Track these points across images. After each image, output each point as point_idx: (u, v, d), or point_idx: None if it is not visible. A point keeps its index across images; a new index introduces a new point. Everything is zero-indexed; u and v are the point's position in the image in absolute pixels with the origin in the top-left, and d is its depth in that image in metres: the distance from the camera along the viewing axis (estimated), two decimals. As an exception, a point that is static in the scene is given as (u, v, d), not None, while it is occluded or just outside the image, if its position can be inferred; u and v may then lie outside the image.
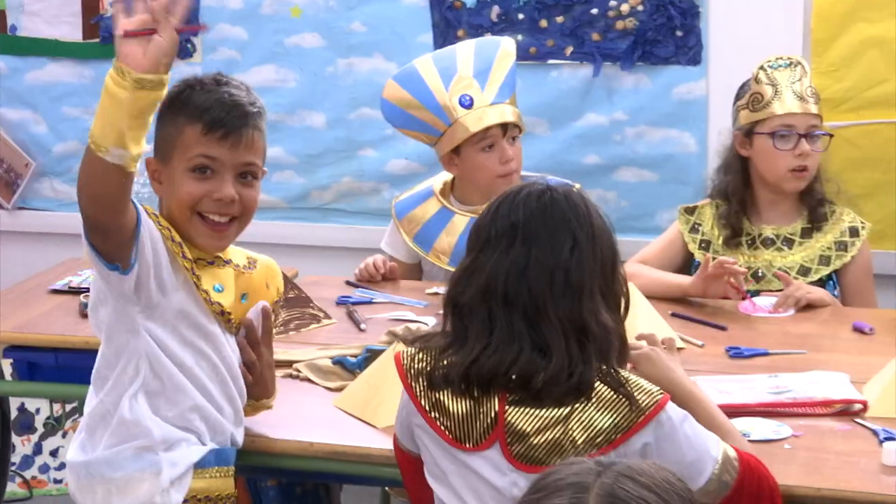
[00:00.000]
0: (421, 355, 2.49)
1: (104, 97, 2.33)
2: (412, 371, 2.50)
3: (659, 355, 2.67)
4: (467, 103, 3.94)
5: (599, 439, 2.30)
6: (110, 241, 2.46)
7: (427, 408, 2.47)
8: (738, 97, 3.93)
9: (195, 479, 2.63)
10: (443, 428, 2.46)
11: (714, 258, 3.71)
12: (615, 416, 2.31)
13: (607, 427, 2.30)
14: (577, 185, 4.01)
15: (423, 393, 2.48)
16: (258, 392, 2.83)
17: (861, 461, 2.69)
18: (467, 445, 2.45)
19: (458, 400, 2.42)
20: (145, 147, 2.40)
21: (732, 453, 2.43)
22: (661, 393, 2.35)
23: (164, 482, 2.59)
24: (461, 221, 4.00)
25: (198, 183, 2.62)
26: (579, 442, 2.30)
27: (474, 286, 2.41)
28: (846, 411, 2.94)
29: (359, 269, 3.96)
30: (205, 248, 2.69)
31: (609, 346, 2.39)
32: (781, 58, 3.85)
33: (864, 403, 2.95)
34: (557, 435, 2.33)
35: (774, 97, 3.82)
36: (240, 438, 2.74)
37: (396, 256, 4.11)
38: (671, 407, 2.36)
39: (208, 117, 2.61)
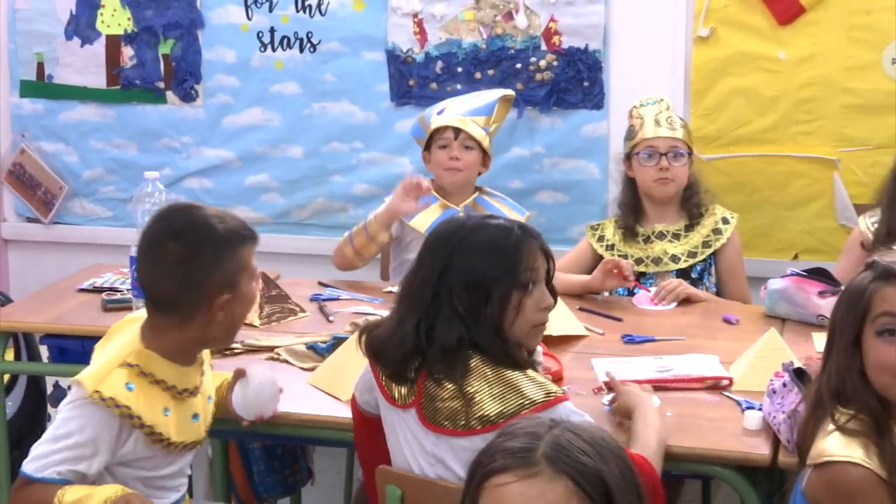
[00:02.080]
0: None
1: None
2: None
3: (635, 392, 2.71)
4: (440, 112, 4.09)
5: (491, 417, 2.31)
6: None
7: (379, 373, 2.53)
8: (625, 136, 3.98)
9: None
10: (386, 389, 2.51)
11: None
12: (503, 404, 2.32)
13: (495, 413, 2.31)
14: (528, 214, 4.10)
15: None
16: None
17: (727, 426, 2.72)
18: (398, 402, 2.47)
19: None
20: None
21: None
22: (558, 395, 2.35)
23: None
24: (437, 208, 4.07)
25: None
26: (472, 418, 2.34)
27: (416, 279, 2.52)
28: (716, 386, 2.97)
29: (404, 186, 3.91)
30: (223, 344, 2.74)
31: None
32: (649, 98, 3.92)
33: (731, 380, 2.98)
34: (456, 406, 2.36)
35: (641, 127, 3.89)
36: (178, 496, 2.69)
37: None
38: (565, 407, 2.36)
39: (250, 231, 2.62)
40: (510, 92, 4.30)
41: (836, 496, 2.17)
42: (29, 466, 2.39)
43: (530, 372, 2.41)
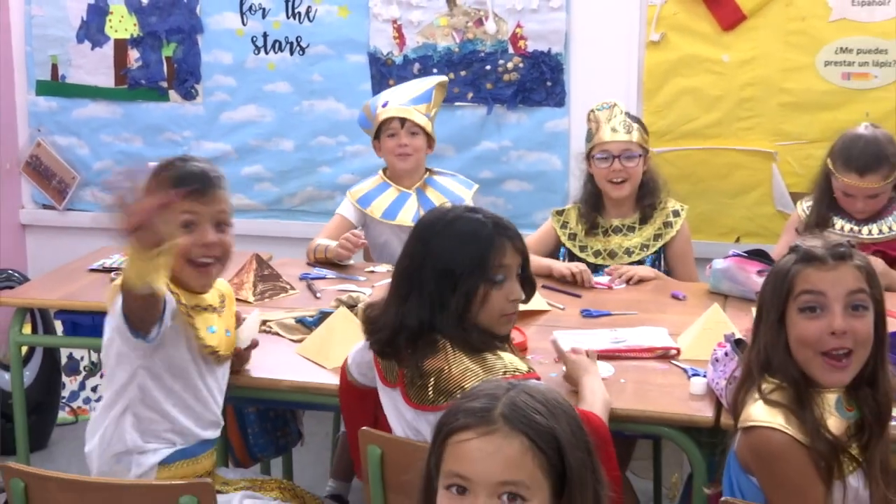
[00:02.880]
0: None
1: (129, 260, 2.28)
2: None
3: (580, 361, 2.73)
4: (384, 104, 4.06)
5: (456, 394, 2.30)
6: (142, 326, 2.45)
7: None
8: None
9: (160, 471, 2.60)
10: (381, 369, 2.52)
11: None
12: (466, 382, 2.32)
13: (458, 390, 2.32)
14: (476, 186, 4.10)
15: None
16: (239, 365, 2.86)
17: (675, 391, 2.75)
18: (389, 382, 2.48)
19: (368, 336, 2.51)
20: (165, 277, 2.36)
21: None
22: (518, 373, 2.35)
23: (131, 476, 2.59)
24: (392, 192, 4.09)
25: (185, 236, 2.53)
26: (439, 395, 2.36)
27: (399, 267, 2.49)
28: (665, 355, 2.99)
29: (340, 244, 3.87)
30: (195, 289, 2.64)
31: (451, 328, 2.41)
32: (604, 103, 3.87)
33: (678, 350, 3.00)
34: (425, 383, 2.38)
35: (597, 131, 3.85)
36: (210, 434, 2.71)
37: (345, 215, 4.11)
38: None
39: (184, 184, 2.55)
40: (444, 78, 4.24)
41: (759, 457, 2.19)
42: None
43: (500, 353, 2.40)
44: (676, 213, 3.91)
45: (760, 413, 2.18)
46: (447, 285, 2.38)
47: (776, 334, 2.23)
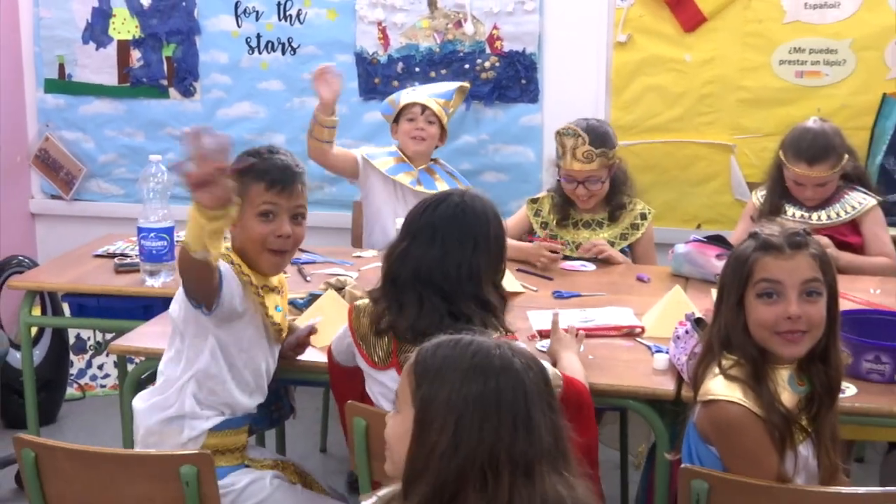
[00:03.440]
0: (365, 308, 2.53)
1: (190, 220, 2.26)
2: (357, 317, 2.55)
3: (564, 338, 2.76)
4: (408, 93, 4.17)
5: None
6: (200, 298, 2.45)
7: (359, 338, 2.53)
8: None
9: (209, 438, 2.61)
10: (365, 352, 2.52)
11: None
12: None
13: None
14: (469, 187, 4.11)
15: (358, 329, 2.53)
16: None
17: (639, 366, 2.76)
18: (378, 365, 2.48)
19: (378, 338, 2.47)
20: (222, 248, 2.37)
21: (558, 373, 2.48)
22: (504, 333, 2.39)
23: (183, 439, 2.60)
24: (398, 158, 4.16)
25: (264, 224, 2.58)
26: None
27: (407, 270, 2.44)
28: (630, 333, 3.00)
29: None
30: (266, 272, 2.66)
31: (501, 312, 2.44)
32: (568, 128, 3.78)
33: (643, 328, 3.01)
34: None
35: (563, 155, 3.80)
36: (254, 403, 2.72)
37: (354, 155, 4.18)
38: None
39: (269, 176, 2.57)
40: (466, 84, 4.33)
41: (718, 428, 2.21)
42: None
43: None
44: (644, 217, 3.89)
45: (720, 387, 2.19)
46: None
47: (735, 315, 2.24)
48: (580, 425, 2.51)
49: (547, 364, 2.47)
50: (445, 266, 2.39)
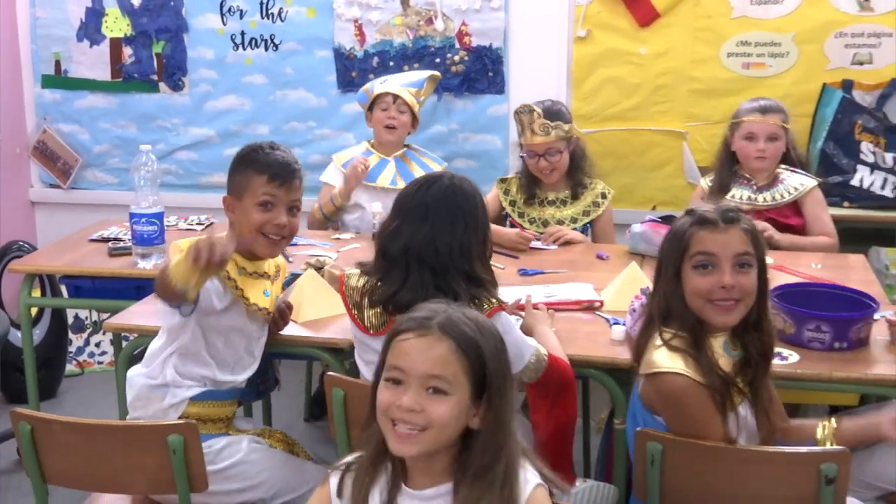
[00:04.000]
0: (357, 277, 2.50)
1: (182, 264, 2.22)
2: (348, 285, 2.52)
3: (537, 313, 2.77)
4: (382, 82, 4.12)
5: None
6: (176, 304, 2.49)
7: (351, 306, 2.51)
8: None
9: (191, 406, 2.59)
10: (357, 319, 2.49)
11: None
12: None
13: None
14: (445, 164, 4.14)
15: (350, 298, 2.50)
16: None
17: (598, 338, 2.76)
18: (371, 332, 2.46)
19: (371, 308, 2.45)
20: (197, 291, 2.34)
21: (544, 351, 2.49)
22: (496, 305, 2.37)
23: (165, 405, 2.59)
24: (374, 159, 4.08)
25: (262, 214, 2.58)
26: None
27: (398, 244, 2.40)
28: (590, 307, 2.99)
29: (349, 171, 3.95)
30: (261, 256, 2.66)
31: (492, 287, 2.41)
32: (524, 106, 3.81)
33: (601, 302, 3.00)
34: None
35: (523, 132, 3.83)
36: (238, 379, 2.69)
37: (331, 182, 4.11)
38: (503, 316, 2.39)
39: (270, 171, 2.57)
40: (436, 73, 4.30)
41: (664, 399, 2.21)
42: None
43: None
44: (604, 196, 3.90)
45: (663, 359, 2.19)
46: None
47: (674, 287, 2.25)
48: (563, 401, 2.53)
49: (535, 343, 2.48)
50: (437, 244, 2.37)
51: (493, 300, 2.38)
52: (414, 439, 1.74)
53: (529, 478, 1.78)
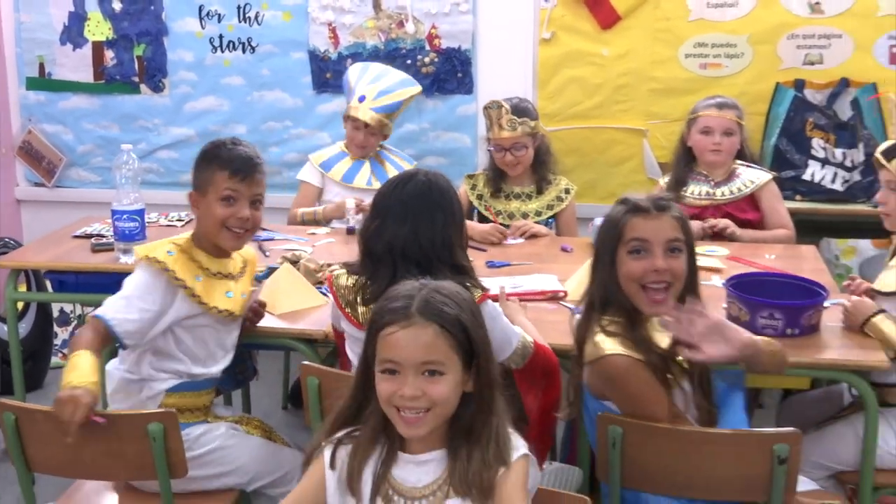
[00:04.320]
0: (345, 277, 2.47)
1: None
2: (338, 285, 2.48)
3: (511, 304, 2.77)
4: (361, 99, 4.02)
5: None
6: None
7: (344, 305, 2.47)
8: None
9: (168, 397, 2.58)
10: (351, 316, 2.45)
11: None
12: None
13: None
14: (416, 163, 4.11)
15: (342, 297, 2.47)
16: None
17: (561, 326, 2.75)
18: (364, 326, 2.44)
19: (365, 305, 2.42)
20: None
21: (530, 339, 2.50)
22: (482, 293, 2.36)
23: (142, 397, 2.58)
24: (348, 161, 4.08)
25: (225, 208, 2.56)
26: None
27: (382, 243, 2.38)
28: (554, 297, 3.00)
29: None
30: (226, 249, 2.64)
31: (474, 274, 2.41)
32: (492, 101, 3.82)
33: (565, 293, 3.00)
34: None
35: (491, 127, 3.83)
36: (213, 371, 2.67)
37: (310, 181, 4.09)
38: (490, 304, 2.39)
39: (232, 166, 2.56)
40: (418, 90, 4.20)
41: (608, 381, 2.22)
42: (100, 311, 2.47)
43: None
44: (567, 191, 3.92)
45: (602, 344, 2.19)
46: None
47: (609, 273, 2.26)
48: (548, 385, 2.52)
49: (522, 332, 2.47)
50: (420, 239, 2.35)
51: (479, 289, 2.37)
52: (421, 421, 1.78)
53: (519, 445, 1.82)
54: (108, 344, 2.47)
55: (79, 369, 2.33)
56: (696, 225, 3.66)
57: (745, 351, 2.20)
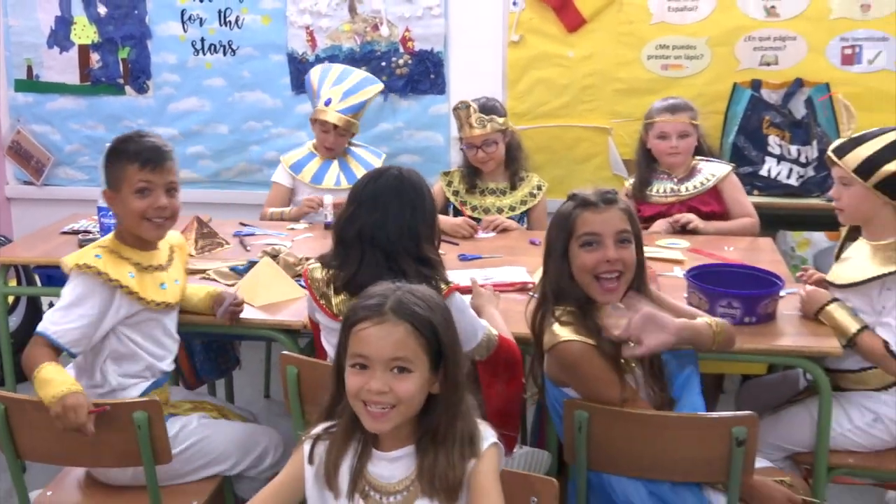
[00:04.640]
0: (319, 270, 2.46)
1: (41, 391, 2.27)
2: (312, 278, 2.47)
3: (484, 293, 2.78)
4: (327, 102, 3.96)
5: None
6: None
7: (318, 297, 2.45)
8: None
9: None
10: (325, 307, 2.44)
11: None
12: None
13: None
14: (384, 155, 4.08)
15: (317, 289, 2.45)
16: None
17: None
18: (339, 318, 2.43)
19: (337, 295, 2.40)
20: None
21: (495, 332, 2.49)
22: (448, 286, 2.35)
23: None
24: (317, 161, 4.05)
25: (141, 200, 2.51)
26: None
27: (353, 231, 2.37)
28: (523, 288, 3.00)
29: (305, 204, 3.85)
30: (150, 240, 2.58)
31: (441, 268, 2.40)
32: (460, 102, 3.83)
33: (534, 284, 2.96)
34: None
35: (462, 127, 3.84)
36: (168, 367, 2.63)
37: (282, 182, 4.06)
38: (457, 296, 2.38)
39: (142, 157, 2.50)
40: (380, 87, 4.16)
41: (565, 367, 2.23)
42: (41, 327, 2.41)
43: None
44: (539, 188, 3.93)
45: (557, 333, 2.20)
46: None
47: (561, 266, 2.27)
48: (510, 377, 2.52)
49: (487, 325, 2.47)
50: (387, 228, 2.36)
51: (444, 282, 2.37)
52: (386, 417, 1.77)
53: (487, 435, 1.82)
54: (58, 356, 2.39)
55: (52, 381, 2.27)
56: (663, 222, 3.68)
57: (682, 334, 2.21)
